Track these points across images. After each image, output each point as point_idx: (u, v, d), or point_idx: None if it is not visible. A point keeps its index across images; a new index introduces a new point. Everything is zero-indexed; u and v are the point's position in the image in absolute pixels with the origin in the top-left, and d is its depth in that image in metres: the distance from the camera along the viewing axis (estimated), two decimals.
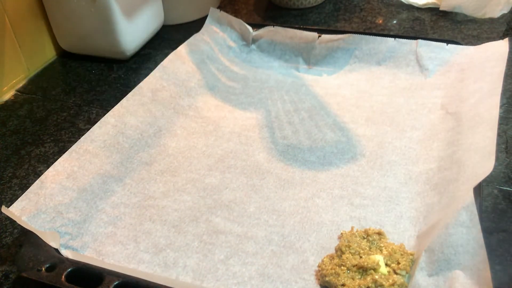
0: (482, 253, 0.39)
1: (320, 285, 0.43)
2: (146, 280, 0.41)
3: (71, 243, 0.47)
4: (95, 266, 0.43)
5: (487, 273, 0.38)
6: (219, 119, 0.64)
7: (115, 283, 0.41)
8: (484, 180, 0.45)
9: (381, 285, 0.40)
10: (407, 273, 0.42)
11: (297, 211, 0.50)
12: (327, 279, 0.42)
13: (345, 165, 0.56)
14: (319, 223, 0.49)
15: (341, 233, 0.47)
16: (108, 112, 0.59)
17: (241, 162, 0.57)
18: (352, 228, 0.47)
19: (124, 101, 0.61)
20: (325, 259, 0.44)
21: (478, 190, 0.46)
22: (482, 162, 0.47)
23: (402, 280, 0.41)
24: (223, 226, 0.49)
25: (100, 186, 0.53)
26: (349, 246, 0.44)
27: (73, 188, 0.50)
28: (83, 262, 0.43)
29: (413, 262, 0.43)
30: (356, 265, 0.42)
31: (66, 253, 0.45)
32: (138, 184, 0.54)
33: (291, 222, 0.49)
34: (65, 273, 0.42)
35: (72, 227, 0.48)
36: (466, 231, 0.41)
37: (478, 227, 0.40)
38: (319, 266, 0.44)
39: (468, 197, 0.42)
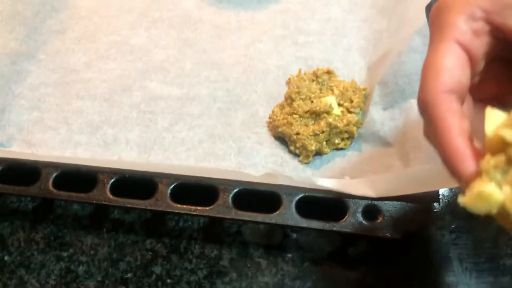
0: None
1: (274, 136, 0.41)
2: (87, 166, 0.38)
3: None
4: (28, 160, 0.39)
5: None
6: None
7: (54, 175, 0.38)
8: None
9: (336, 127, 0.39)
10: (361, 110, 0.40)
11: (238, 60, 0.46)
12: (280, 130, 0.40)
13: None
14: (264, 70, 0.45)
15: (289, 78, 0.44)
16: None
17: (167, 13, 0.50)
18: (299, 70, 0.44)
19: None
20: (275, 109, 0.41)
21: (429, 10, 0.42)
22: None
23: (356, 118, 0.39)
24: (161, 91, 0.44)
25: (10, 68, 0.45)
26: (298, 92, 0.41)
27: None
28: (13, 158, 0.39)
29: (366, 98, 0.41)
30: (308, 111, 0.40)
31: None
32: (54, 58, 0.47)
33: (234, 74, 0.45)
34: None
35: None
36: (420, 57, 0.38)
37: None
38: (270, 117, 0.41)
39: (420, 20, 0.38)
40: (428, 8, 0.40)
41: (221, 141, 0.41)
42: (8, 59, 0.46)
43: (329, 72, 0.42)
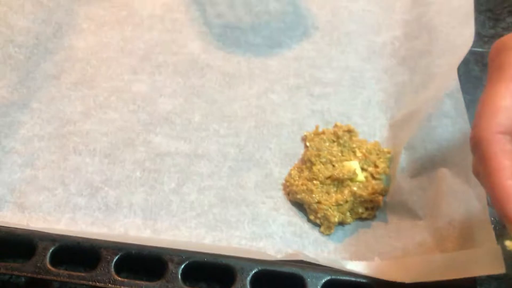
0: None
1: (291, 201, 0.38)
2: (88, 239, 0.34)
3: None
4: (21, 229, 0.35)
5: None
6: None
7: (51, 250, 0.34)
8: None
9: (361, 196, 0.36)
10: (386, 175, 0.38)
11: (250, 112, 0.43)
12: (299, 196, 0.37)
13: (298, 45, 0.47)
14: (278, 124, 0.42)
15: (305, 135, 0.41)
16: None
17: (171, 57, 0.46)
18: (317, 127, 0.41)
19: None
20: (292, 172, 0.38)
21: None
22: (459, 29, 0.39)
23: (382, 186, 0.36)
24: (167, 146, 0.41)
25: (1, 120, 0.42)
26: (319, 155, 0.38)
27: None
28: (4, 227, 0.35)
29: (390, 161, 0.38)
30: (330, 176, 0.37)
31: None
32: (49, 106, 0.44)
33: (246, 128, 0.42)
34: None
35: None
36: (451, 122, 0.35)
37: (465, 116, 0.35)
38: (287, 181, 0.38)
39: (452, 81, 0.36)
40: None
41: (233, 205, 0.38)
42: None
43: (349, 131, 0.40)
